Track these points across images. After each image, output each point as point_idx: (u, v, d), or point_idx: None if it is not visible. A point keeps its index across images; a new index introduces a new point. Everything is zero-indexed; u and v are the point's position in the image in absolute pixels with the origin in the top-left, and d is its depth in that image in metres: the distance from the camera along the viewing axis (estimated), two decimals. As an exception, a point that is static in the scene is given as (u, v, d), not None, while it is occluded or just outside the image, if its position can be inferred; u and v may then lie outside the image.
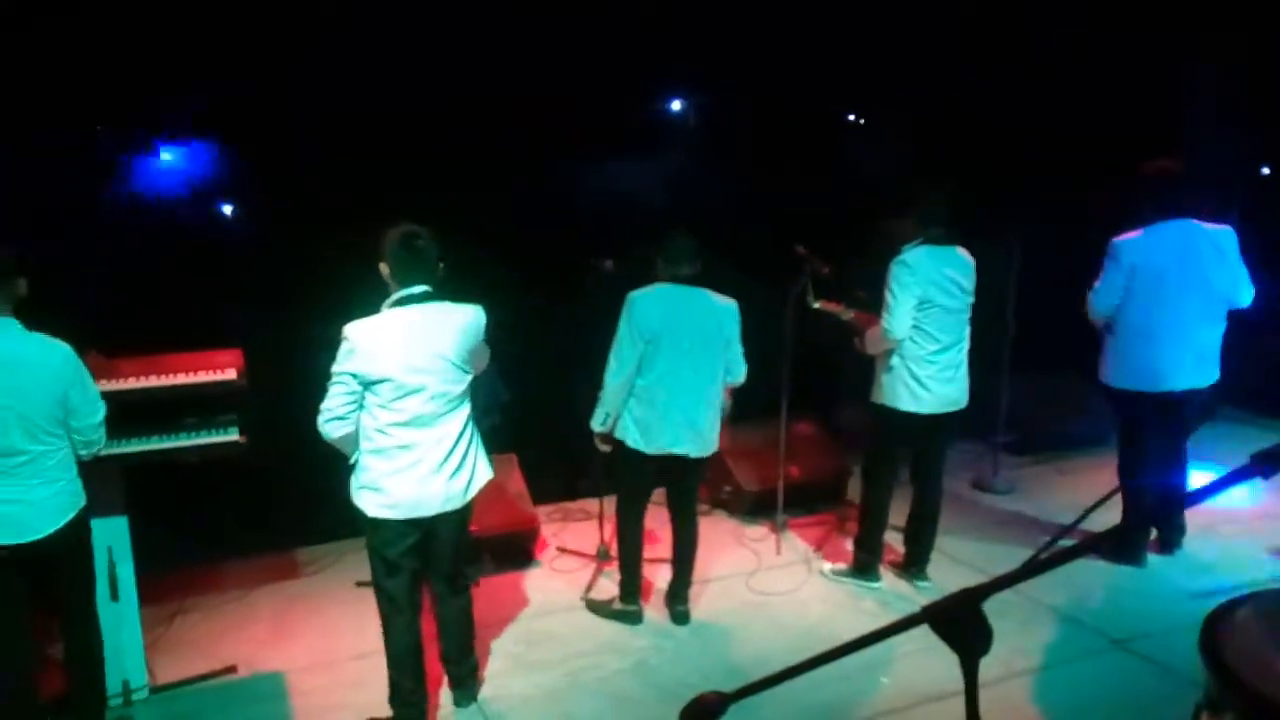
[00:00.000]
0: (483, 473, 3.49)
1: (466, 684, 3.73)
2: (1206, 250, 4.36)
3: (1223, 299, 4.42)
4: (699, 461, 4.13)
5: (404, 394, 3.19)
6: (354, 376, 3.16)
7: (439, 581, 3.58)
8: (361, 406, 3.22)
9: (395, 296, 3.25)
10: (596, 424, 4.07)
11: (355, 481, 3.30)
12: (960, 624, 1.28)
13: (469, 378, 3.36)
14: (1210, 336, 4.46)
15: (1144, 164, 4.43)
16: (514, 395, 5.22)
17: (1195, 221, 4.38)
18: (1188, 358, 4.42)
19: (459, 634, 3.67)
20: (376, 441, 3.23)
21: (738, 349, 4.09)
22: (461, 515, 3.45)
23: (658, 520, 4.32)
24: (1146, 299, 4.37)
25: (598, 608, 4.37)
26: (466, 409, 3.40)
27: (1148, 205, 4.39)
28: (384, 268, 3.27)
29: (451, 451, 3.32)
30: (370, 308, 3.27)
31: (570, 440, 4.64)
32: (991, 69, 6.48)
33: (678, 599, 4.30)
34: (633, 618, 4.26)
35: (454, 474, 3.34)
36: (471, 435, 3.44)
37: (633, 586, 4.26)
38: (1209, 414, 5.72)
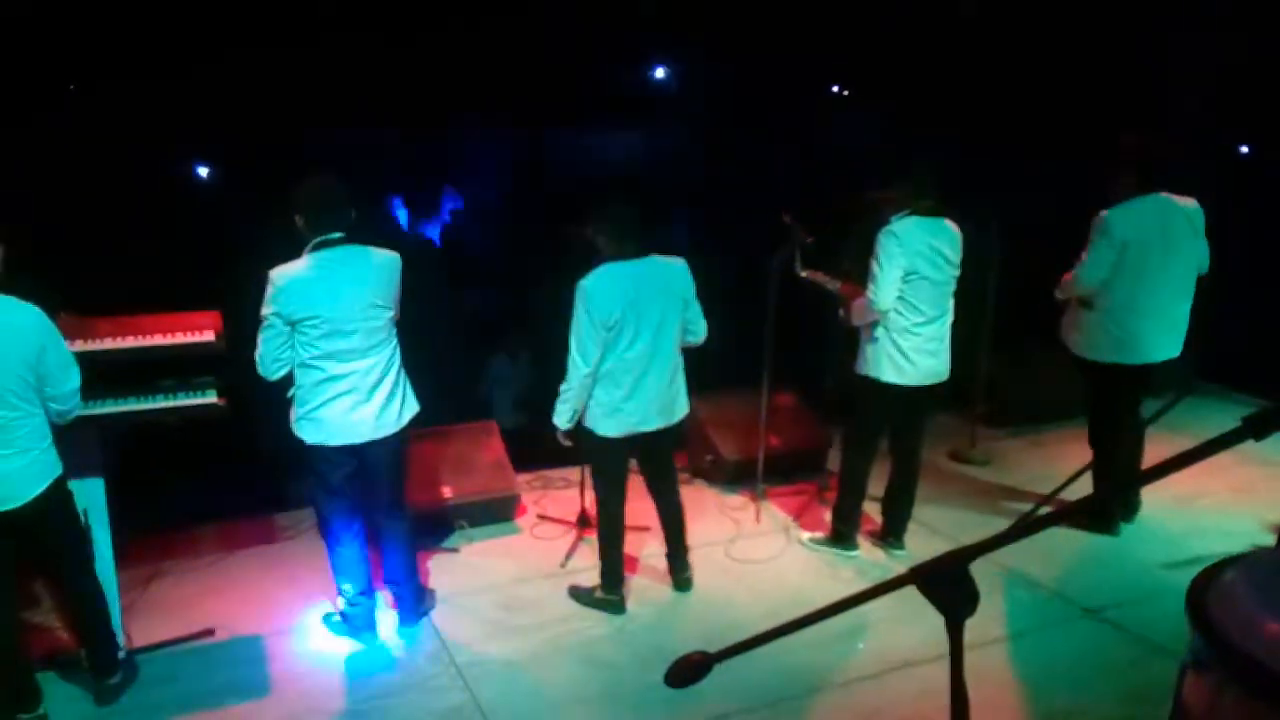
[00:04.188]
0: (411, 404, 3.73)
1: (412, 603, 3.97)
2: (1183, 225, 4.44)
3: (1194, 272, 4.54)
4: (671, 429, 4.06)
5: (329, 330, 3.42)
6: (280, 316, 3.39)
7: (379, 508, 3.81)
8: (292, 346, 3.47)
9: (314, 242, 3.45)
10: (563, 422, 3.88)
11: (293, 414, 3.56)
12: (947, 585, 1.29)
13: (389, 314, 3.59)
14: (1184, 309, 4.56)
15: (1124, 137, 4.45)
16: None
17: (1169, 196, 4.43)
18: (1165, 330, 4.52)
19: (401, 555, 3.91)
20: (308, 376, 3.48)
21: (696, 307, 3.94)
22: (396, 442, 3.70)
23: (635, 489, 4.27)
24: (1132, 272, 4.40)
25: (580, 596, 4.25)
26: (392, 345, 3.64)
27: (1127, 178, 4.41)
28: (299, 219, 3.48)
29: (380, 383, 3.57)
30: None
31: (552, 408, 4.62)
32: (976, 43, 6.47)
33: (680, 566, 4.28)
34: (615, 607, 4.14)
35: (384, 404, 3.59)
36: (398, 369, 3.67)
37: (615, 576, 4.14)
38: (1186, 388, 5.80)
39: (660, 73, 7.04)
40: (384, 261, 3.57)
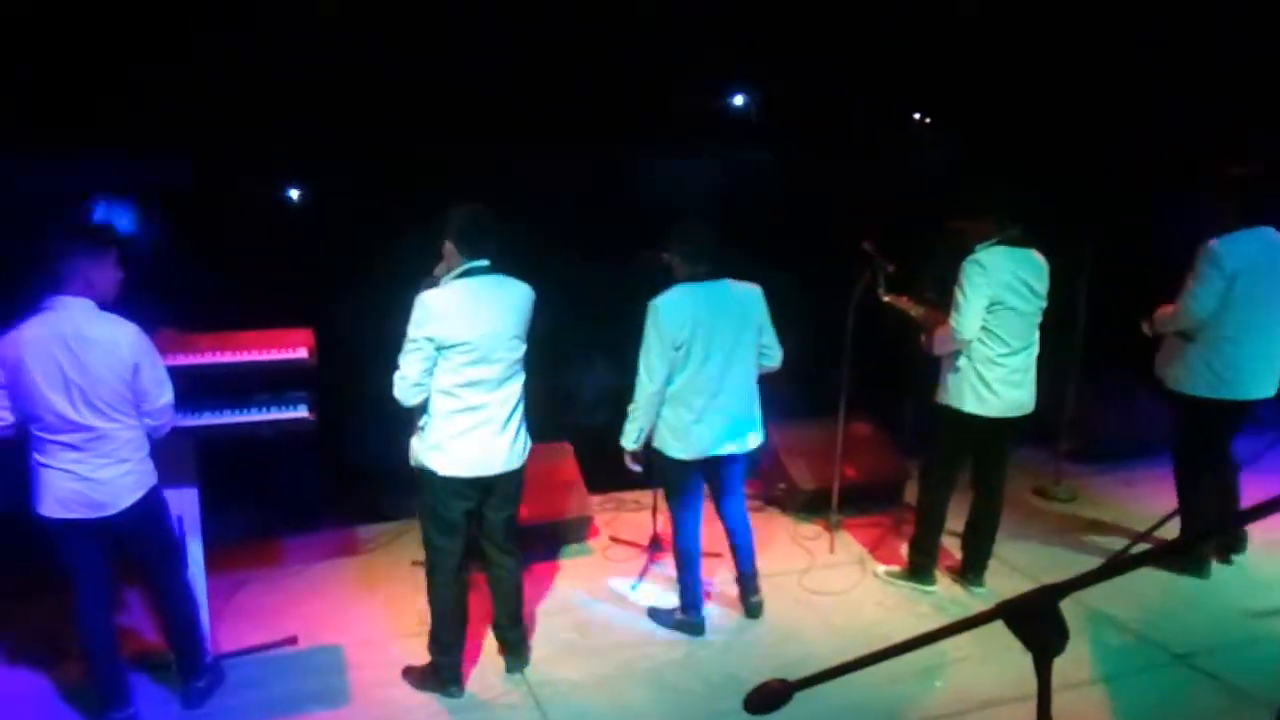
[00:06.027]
0: (528, 438, 3.67)
1: (518, 650, 3.86)
2: None
3: None
4: (744, 456, 4.05)
5: (474, 359, 3.37)
6: (430, 341, 3.33)
7: (493, 546, 3.73)
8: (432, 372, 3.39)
9: (461, 269, 3.41)
10: (630, 442, 3.88)
11: (422, 443, 3.48)
12: (1036, 621, 1.26)
13: (524, 347, 3.54)
14: None
15: (1225, 166, 4.31)
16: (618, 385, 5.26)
17: (1272, 229, 4.28)
18: (1266, 367, 4.37)
19: (511, 598, 3.82)
20: (446, 404, 3.41)
21: (771, 333, 3.95)
22: (519, 476, 3.65)
23: (706, 514, 4.26)
24: (1238, 305, 4.24)
25: (660, 617, 4.26)
26: (523, 378, 3.58)
27: (1230, 209, 4.26)
28: (449, 244, 3.44)
29: (512, 415, 3.53)
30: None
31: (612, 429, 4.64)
32: (1061, 69, 6.35)
33: (750, 590, 4.26)
34: (696, 629, 4.14)
35: (515, 437, 3.56)
36: (523, 403, 3.61)
37: (692, 597, 4.14)
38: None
39: (739, 99, 7.06)
40: (524, 293, 3.54)
